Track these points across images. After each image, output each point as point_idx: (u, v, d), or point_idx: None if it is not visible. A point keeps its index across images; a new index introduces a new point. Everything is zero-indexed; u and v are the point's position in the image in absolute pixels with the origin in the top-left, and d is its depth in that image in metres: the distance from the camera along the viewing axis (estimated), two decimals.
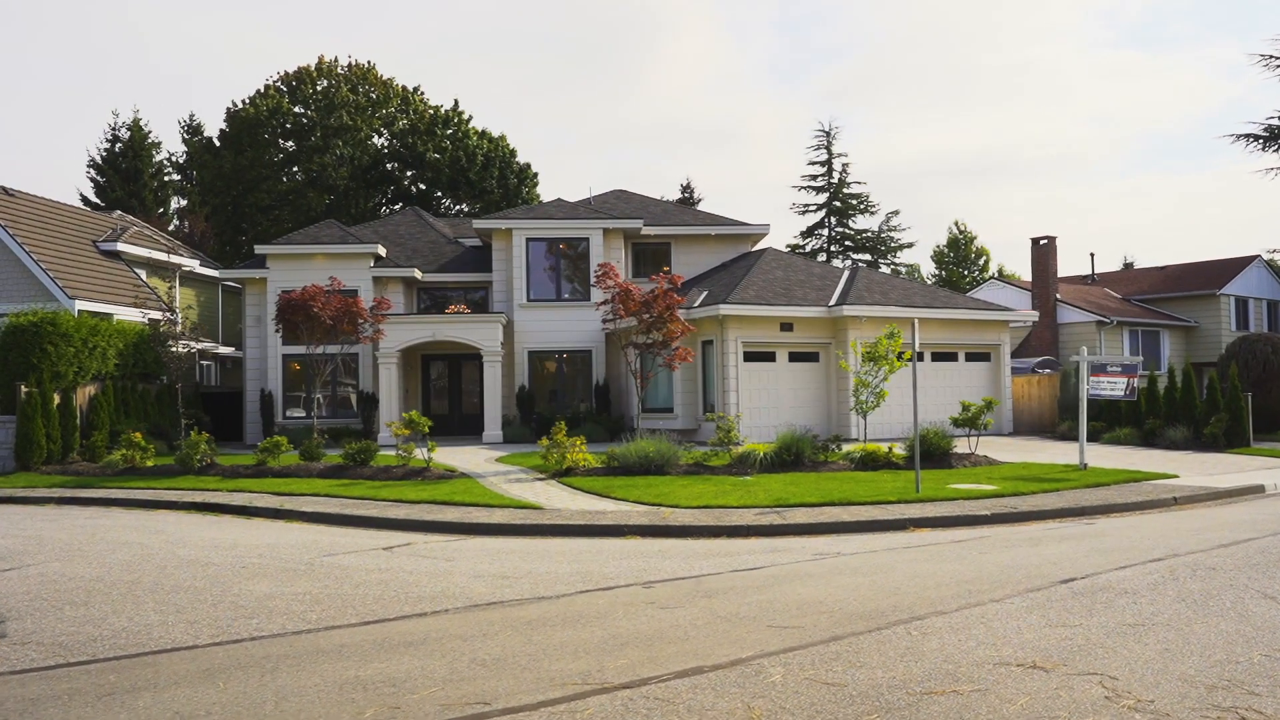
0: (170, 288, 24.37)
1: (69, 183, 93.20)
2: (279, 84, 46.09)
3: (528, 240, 27.51)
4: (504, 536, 11.99)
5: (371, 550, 10.36)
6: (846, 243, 53.64)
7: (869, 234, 53.53)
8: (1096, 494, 14.31)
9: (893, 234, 53.58)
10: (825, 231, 53.65)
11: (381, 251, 27.39)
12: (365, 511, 13.79)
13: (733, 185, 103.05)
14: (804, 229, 54.17)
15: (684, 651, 5.95)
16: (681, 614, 6.97)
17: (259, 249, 27.33)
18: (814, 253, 53.48)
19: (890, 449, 17.79)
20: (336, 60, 47.12)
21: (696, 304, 24.37)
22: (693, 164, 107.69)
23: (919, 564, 9.09)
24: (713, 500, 13.77)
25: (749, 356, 24.05)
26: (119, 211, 38.37)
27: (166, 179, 52.08)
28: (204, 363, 32.91)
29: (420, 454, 18.15)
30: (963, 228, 64.18)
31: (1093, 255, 50.25)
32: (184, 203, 53.07)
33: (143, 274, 29.38)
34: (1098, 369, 17.80)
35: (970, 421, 18.64)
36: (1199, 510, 13.30)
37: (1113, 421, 23.98)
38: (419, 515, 13.32)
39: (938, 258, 65.23)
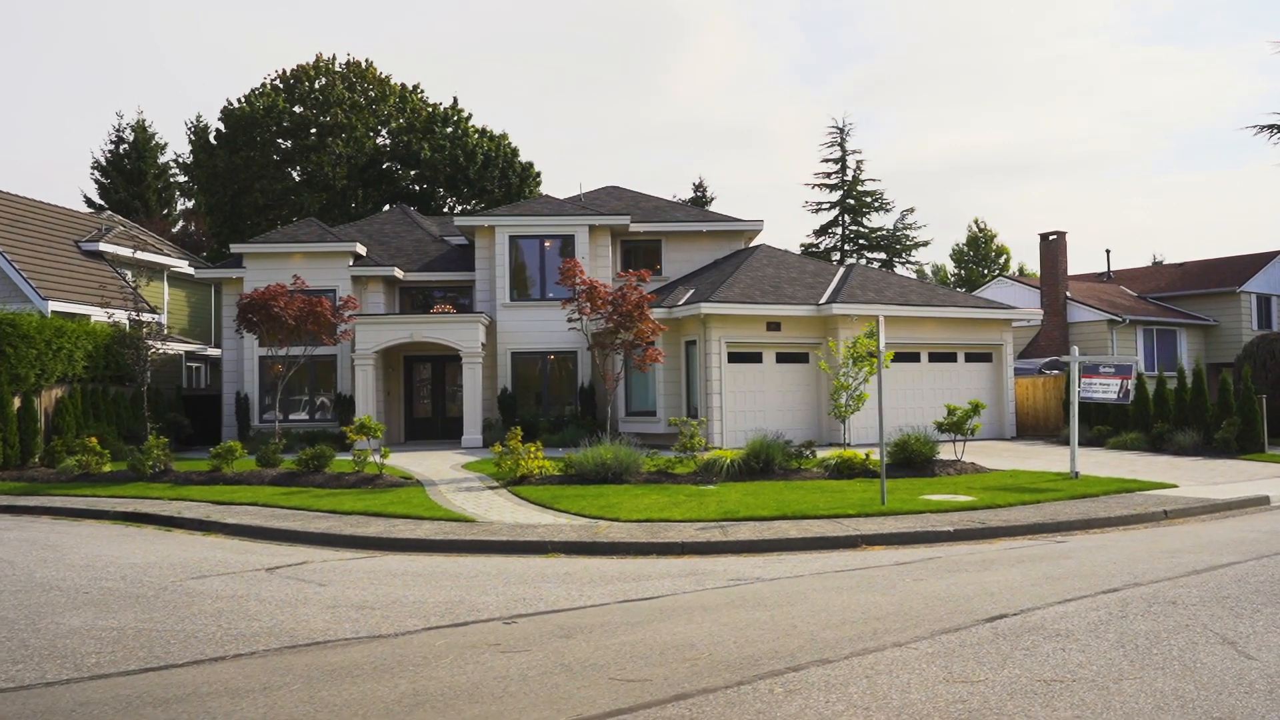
0: (138, 287, 23.70)
1: (75, 185, 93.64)
2: (275, 82, 45.52)
3: (511, 238, 26.57)
4: (417, 553, 11.09)
5: (252, 571, 9.45)
6: (860, 241, 52.18)
7: (883, 232, 52.05)
8: (1079, 507, 13.12)
9: (908, 232, 52.05)
10: (839, 230, 52.27)
11: (361, 250, 26.61)
12: (289, 525, 12.96)
13: (755, 185, 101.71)
14: (817, 228, 52.87)
15: (485, 715, 4.95)
16: (521, 660, 5.97)
17: (235, 248, 26.67)
18: (827, 251, 52.06)
19: (868, 455, 16.65)
20: (334, 58, 46.48)
21: (681, 302, 23.34)
22: (713, 164, 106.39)
23: (839, 593, 8.02)
24: (659, 513, 12.77)
25: (734, 357, 22.96)
26: (109, 212, 38.01)
27: (172, 180, 51.76)
28: (193, 365, 32.36)
29: (375, 460, 17.33)
30: (982, 226, 62.63)
31: (1108, 252, 48.60)
32: (189, 204, 52.76)
33: (128, 275, 28.82)
34: (1090, 370, 16.50)
35: (955, 426, 17.48)
36: (1189, 526, 12.08)
37: (1119, 425, 22.65)
38: (341, 529, 12.47)
39: (957, 256, 63.69)
